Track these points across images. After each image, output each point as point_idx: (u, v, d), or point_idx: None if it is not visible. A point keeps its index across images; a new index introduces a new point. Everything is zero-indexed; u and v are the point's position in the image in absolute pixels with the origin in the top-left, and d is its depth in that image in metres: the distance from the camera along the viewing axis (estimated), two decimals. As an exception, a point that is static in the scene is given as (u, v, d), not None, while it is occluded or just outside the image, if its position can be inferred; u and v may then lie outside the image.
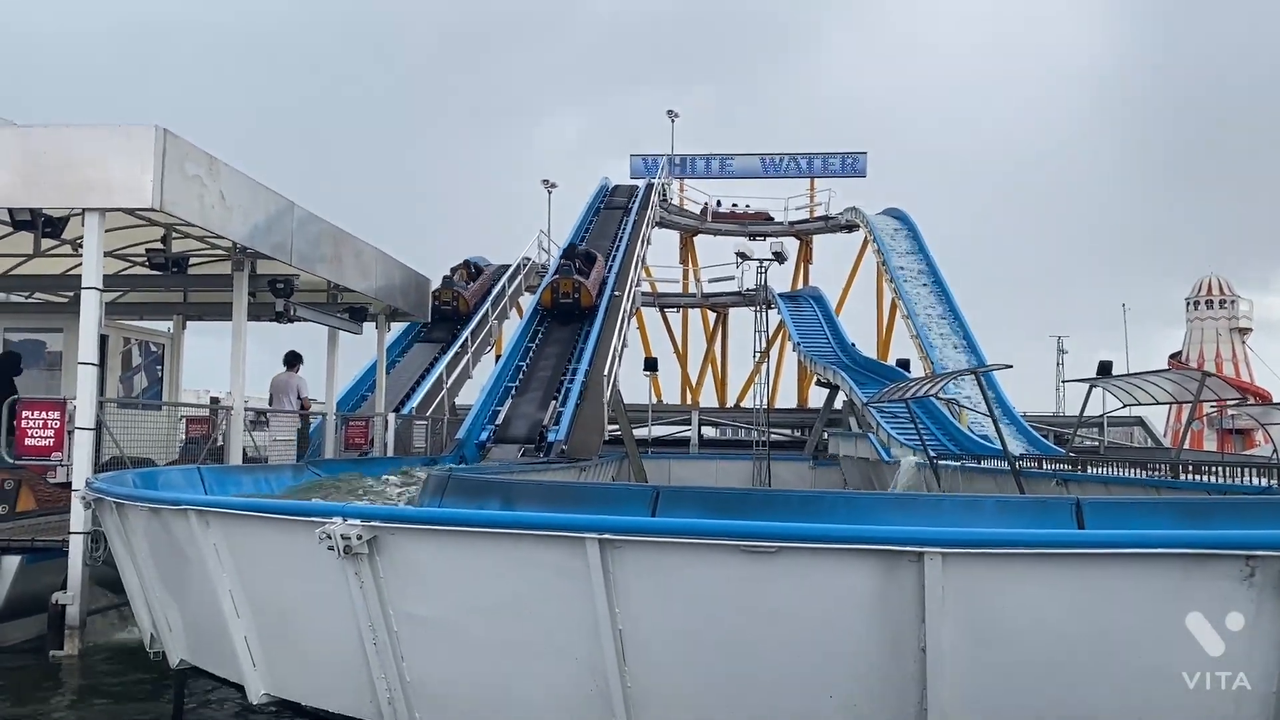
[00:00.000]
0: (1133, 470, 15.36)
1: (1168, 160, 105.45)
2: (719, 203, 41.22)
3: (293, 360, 15.93)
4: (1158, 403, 19.62)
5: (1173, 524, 4.96)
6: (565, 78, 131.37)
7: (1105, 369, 27.32)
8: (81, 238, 9.76)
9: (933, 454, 18.88)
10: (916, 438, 20.23)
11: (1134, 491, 12.93)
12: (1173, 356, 51.81)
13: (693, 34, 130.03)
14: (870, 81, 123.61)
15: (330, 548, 4.35)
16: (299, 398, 15.60)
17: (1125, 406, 21.64)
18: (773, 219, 40.89)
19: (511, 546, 4.16)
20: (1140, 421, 33.73)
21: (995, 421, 17.42)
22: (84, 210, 9.46)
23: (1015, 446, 22.49)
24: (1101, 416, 27.70)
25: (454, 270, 28.73)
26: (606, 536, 3.92)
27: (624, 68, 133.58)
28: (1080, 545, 3.83)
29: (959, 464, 18.74)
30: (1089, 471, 15.62)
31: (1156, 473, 14.57)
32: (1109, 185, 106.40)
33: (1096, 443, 30.14)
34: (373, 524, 4.36)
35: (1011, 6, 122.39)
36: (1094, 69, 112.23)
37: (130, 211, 10.03)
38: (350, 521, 4.35)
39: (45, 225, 10.22)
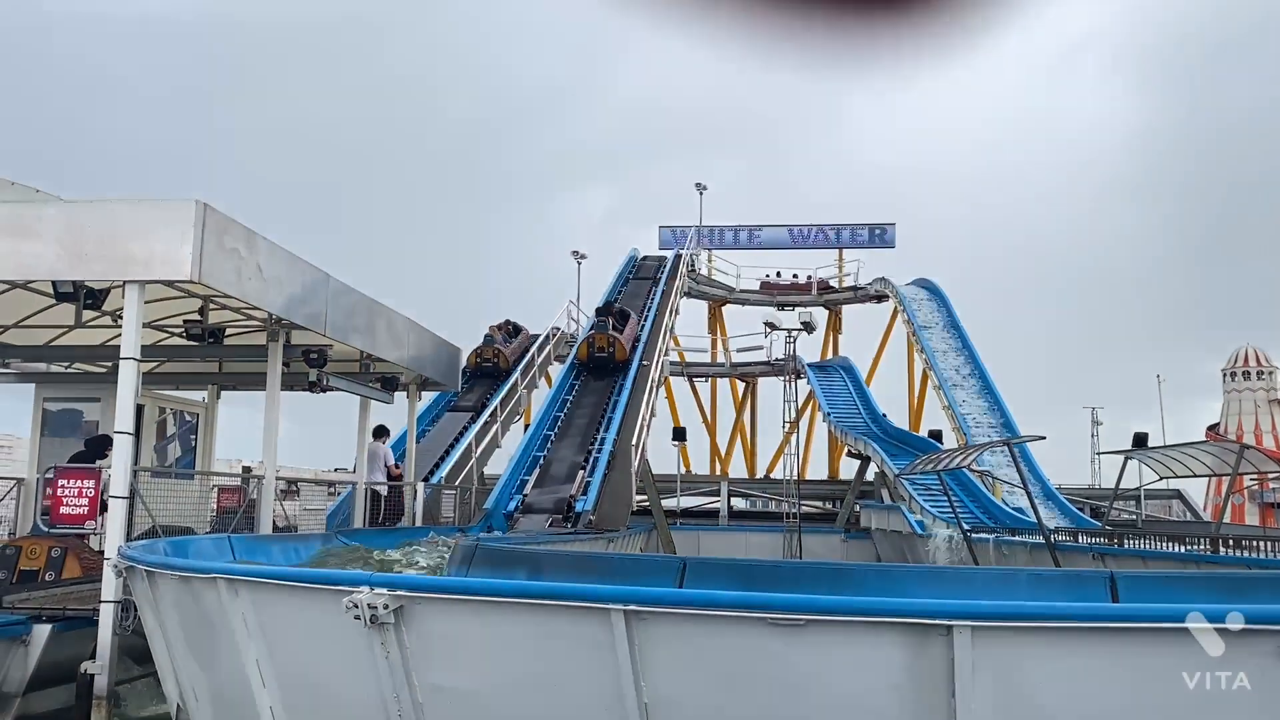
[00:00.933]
0: (1171, 544, 15.07)
1: (1200, 230, 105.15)
2: (778, 274, 41.72)
3: (380, 432, 17.48)
4: (1195, 475, 19.28)
5: (1210, 599, 4.87)
6: (591, 153, 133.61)
7: (1141, 441, 26.97)
8: (121, 309, 9.97)
9: (966, 527, 18.64)
10: (950, 510, 19.99)
11: (1172, 566, 12.68)
12: (1210, 428, 50.94)
13: (718, 109, 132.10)
14: (895, 154, 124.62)
15: (357, 617, 4.36)
16: (387, 465, 17.07)
17: (1162, 479, 21.29)
18: (832, 288, 41.12)
19: (537, 617, 4.15)
20: (1179, 495, 33.09)
21: (1029, 494, 17.22)
22: (125, 282, 9.67)
23: (1050, 520, 22.16)
24: (1138, 489, 27.23)
25: (494, 328, 29.61)
26: (633, 608, 3.91)
27: (649, 143, 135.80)
28: (1115, 619, 3.77)
29: (994, 537, 18.48)
30: (1126, 545, 15.35)
31: (1195, 547, 14.30)
32: (1140, 256, 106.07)
33: (1134, 516, 29.62)
34: (400, 593, 4.37)
35: (1038, 78, 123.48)
36: (1125, 138, 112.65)
37: (170, 283, 10.24)
38: (377, 591, 4.36)
39: (87, 297, 10.46)
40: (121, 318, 9.94)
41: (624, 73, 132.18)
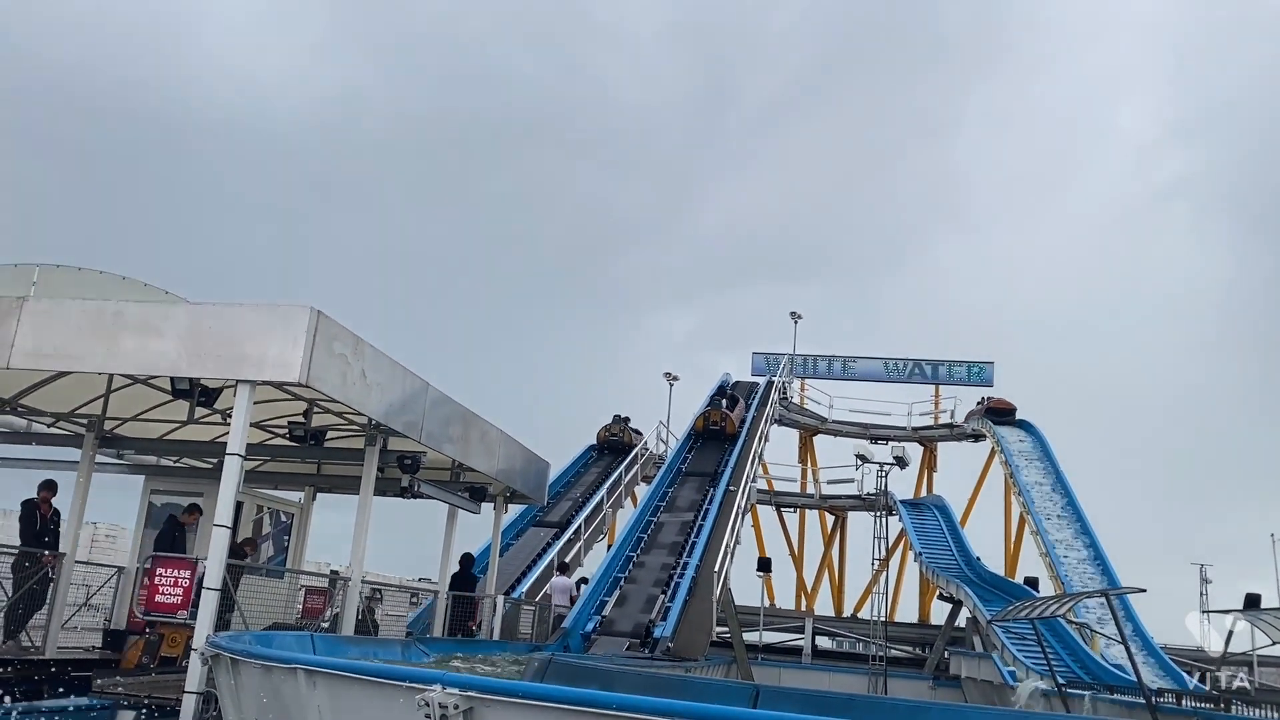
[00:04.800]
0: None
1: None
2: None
3: (564, 567, 21.31)
4: (1312, 642, 18.11)
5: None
6: (677, 277, 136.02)
7: (1253, 602, 25.47)
8: (231, 408, 10.45)
9: (1061, 680, 17.73)
10: (1044, 662, 19.08)
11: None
12: (1333, 594, 47.89)
13: (801, 239, 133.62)
14: (984, 294, 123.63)
15: (428, 716, 4.43)
16: (572, 598, 19.77)
17: (1275, 643, 20.03)
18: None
19: (603, 728, 4.17)
20: (1297, 663, 30.99)
21: (1128, 649, 16.34)
22: (237, 382, 10.15)
23: (1152, 680, 20.95)
24: (1251, 653, 25.61)
25: (614, 419, 34.99)
26: (699, 724, 3.90)
27: (731, 269, 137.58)
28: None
29: (1089, 694, 17.53)
30: (1234, 712, 14.40)
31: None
32: (1253, 406, 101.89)
33: (1247, 683, 27.77)
34: (471, 694, 4.43)
35: (1131, 220, 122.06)
36: (1233, 280, 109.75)
37: (279, 385, 10.72)
38: (449, 690, 4.44)
39: (201, 394, 11.00)
40: (231, 416, 10.40)
41: (709, 199, 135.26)
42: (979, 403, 39.90)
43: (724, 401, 32.56)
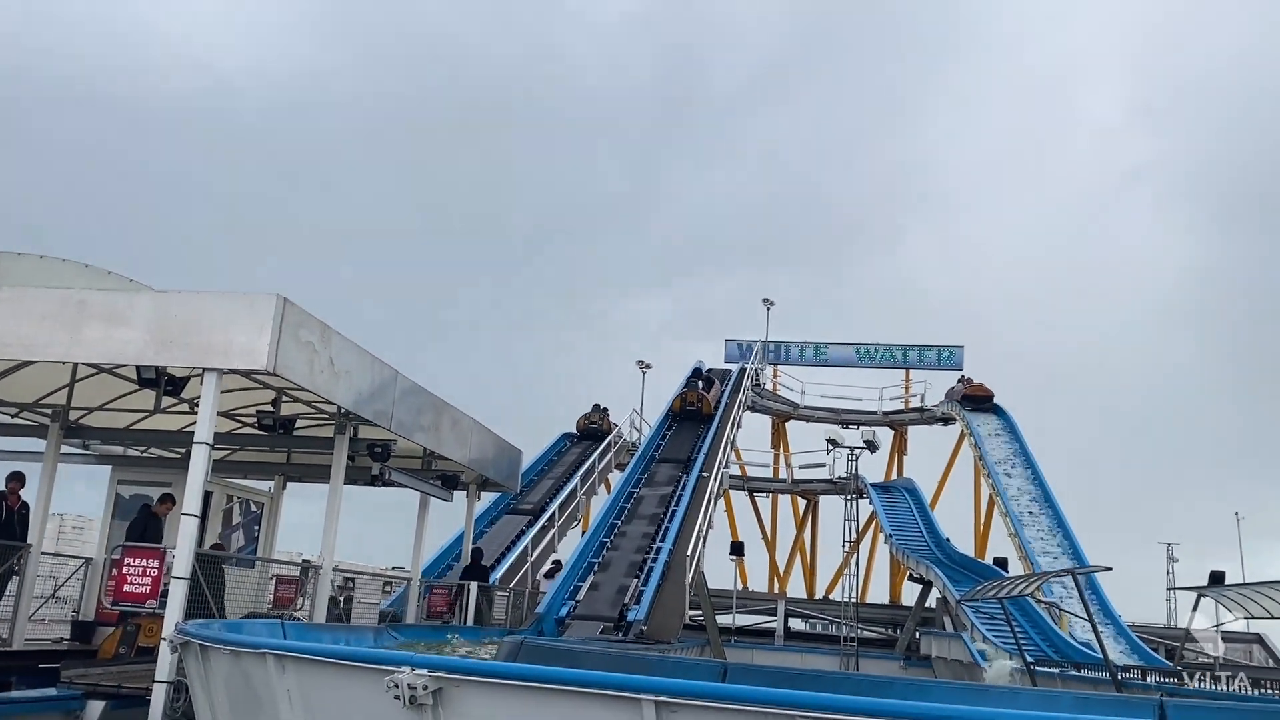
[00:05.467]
0: (1250, 688, 14.38)
1: (1266, 366, 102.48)
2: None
3: (558, 566, 20.43)
4: (1272, 616, 18.48)
5: (1263, 731, 4.72)
6: (648, 264, 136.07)
7: (1217, 579, 25.91)
8: (198, 397, 10.36)
9: (1030, 659, 18.02)
10: (1013, 641, 19.37)
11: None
12: (1295, 571, 48.79)
13: (772, 226, 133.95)
14: (955, 280, 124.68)
15: (397, 697, 4.45)
16: None
17: (1239, 620, 20.41)
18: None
19: (570, 704, 4.20)
20: (1259, 639, 31.59)
21: (1095, 627, 16.63)
22: (204, 370, 10.06)
23: (1119, 656, 21.30)
24: (1215, 630, 26.07)
25: (593, 408, 36.08)
26: (663, 699, 3.95)
27: (702, 257, 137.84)
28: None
29: (1058, 671, 17.82)
30: (1197, 686, 14.68)
31: (1273, 691, 13.64)
32: (1208, 389, 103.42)
33: (1211, 659, 28.26)
34: (439, 675, 4.46)
35: (1097, 204, 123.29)
36: (1198, 263, 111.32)
37: (246, 374, 10.64)
38: (418, 671, 4.46)
39: (167, 384, 10.91)
40: (198, 405, 10.32)
41: (680, 185, 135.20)
42: (959, 381, 40.00)
43: (700, 383, 33.72)
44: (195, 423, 10.38)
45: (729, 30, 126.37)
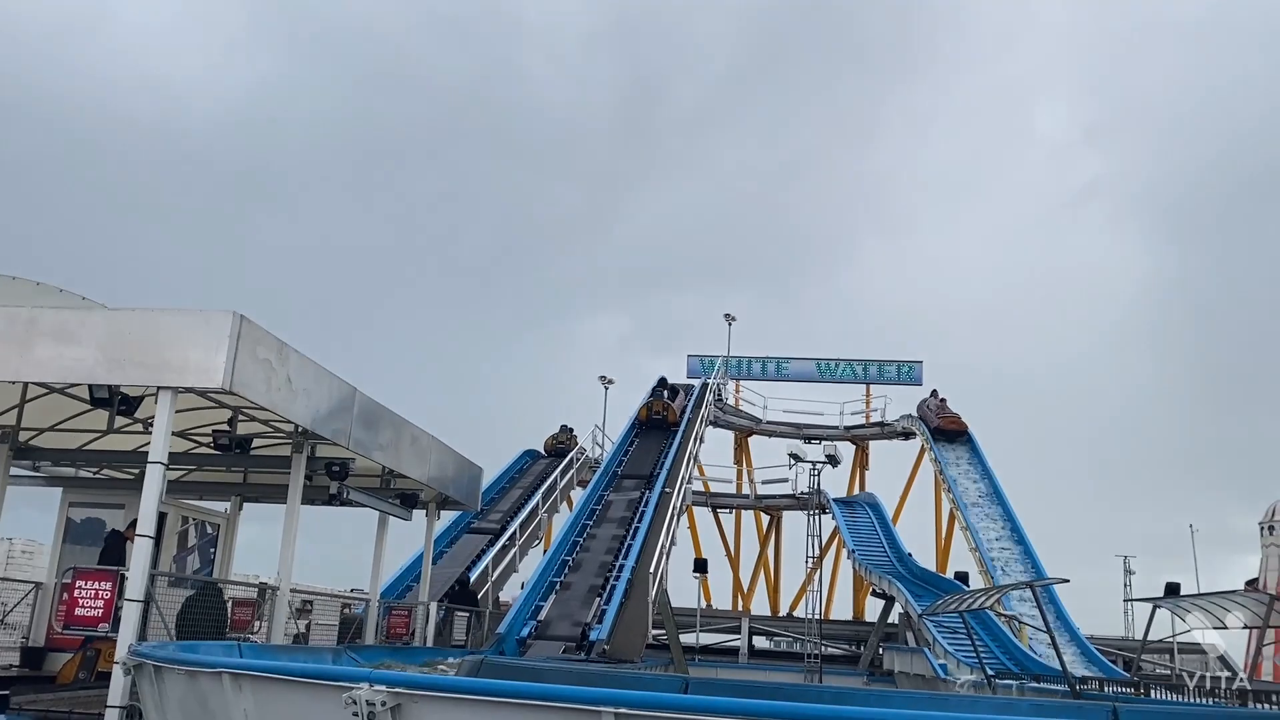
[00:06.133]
0: (1204, 699, 14.59)
1: (1232, 377, 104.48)
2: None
3: None
4: (1226, 627, 18.76)
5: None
6: (608, 281, 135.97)
7: (1172, 590, 26.33)
8: (153, 417, 10.19)
9: (990, 672, 18.15)
10: (974, 655, 19.52)
11: None
12: (1249, 583, 49.54)
13: (731, 241, 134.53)
14: (909, 295, 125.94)
15: (355, 714, 4.40)
16: None
17: (1194, 630, 20.69)
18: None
19: (530, 718, 4.18)
20: (1214, 649, 32.01)
21: (1054, 639, 16.82)
22: (159, 388, 9.91)
23: (1077, 668, 21.51)
24: (1171, 641, 26.42)
25: (560, 429, 36.20)
26: (623, 711, 3.93)
27: (664, 273, 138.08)
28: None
29: (1018, 683, 17.96)
30: (1154, 696, 14.88)
31: (1225, 701, 13.85)
32: (1162, 402, 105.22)
33: (1168, 670, 28.62)
34: (398, 690, 4.41)
35: (1049, 221, 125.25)
36: (1150, 279, 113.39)
37: (202, 392, 10.50)
38: (376, 687, 4.41)
39: (121, 403, 10.72)
40: (153, 425, 10.15)
41: (639, 202, 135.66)
42: (932, 395, 39.04)
43: (665, 392, 34.90)
44: (150, 443, 10.22)
45: (687, 50, 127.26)
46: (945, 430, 36.68)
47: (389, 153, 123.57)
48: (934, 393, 39.62)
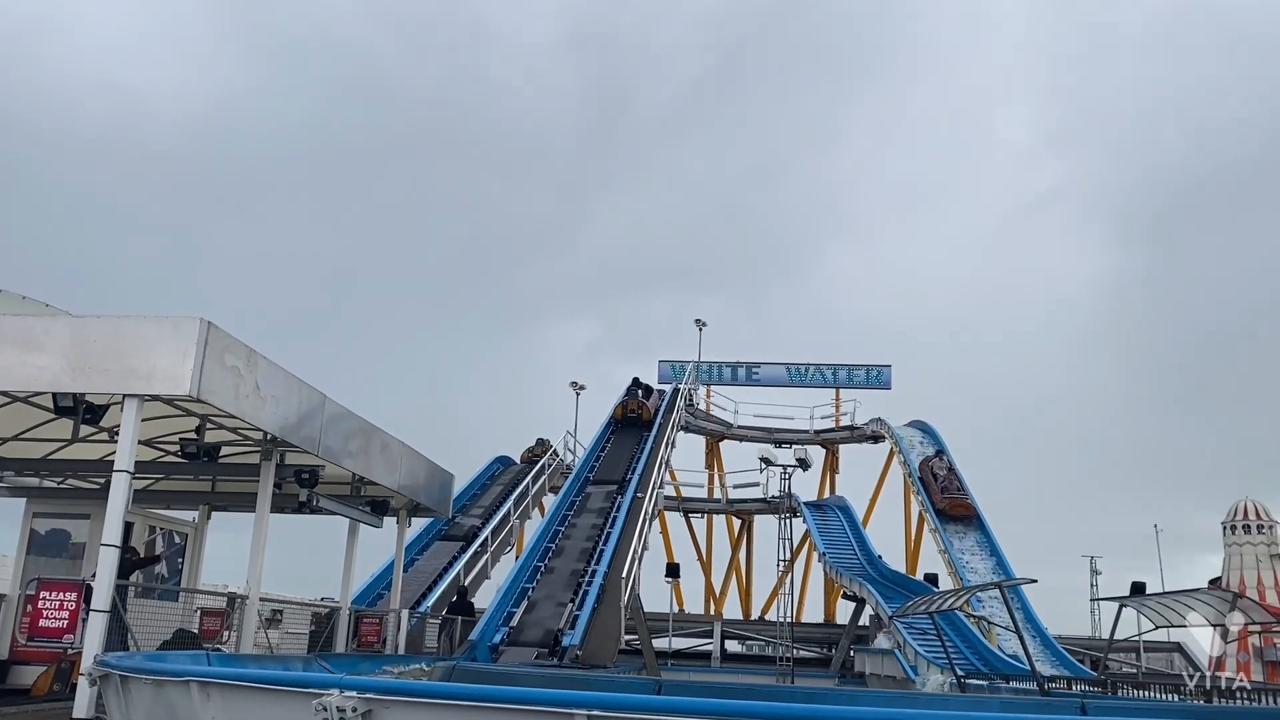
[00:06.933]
0: (1169, 696, 14.78)
1: (1194, 378, 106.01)
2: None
3: None
4: (1190, 625, 19.00)
5: (1180, 728, 4.87)
6: (577, 287, 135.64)
7: (1138, 589, 26.63)
8: (119, 426, 10.07)
9: (960, 673, 18.25)
10: (944, 655, 19.63)
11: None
12: (1212, 582, 50.28)
13: (699, 247, 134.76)
14: (875, 300, 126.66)
15: (325, 720, 4.37)
16: None
17: (1159, 629, 20.95)
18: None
19: (503, 722, 4.17)
20: (1179, 648, 32.51)
21: (1022, 639, 16.95)
22: (124, 396, 9.80)
23: (1046, 667, 21.71)
24: (1137, 640, 26.74)
25: (537, 441, 36.35)
26: (596, 713, 3.94)
27: (633, 279, 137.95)
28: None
29: (987, 683, 18.09)
30: (1121, 695, 15.05)
31: (1190, 698, 14.03)
32: (1124, 404, 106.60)
33: (1134, 669, 28.96)
34: (369, 696, 4.39)
35: (1012, 226, 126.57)
36: (1111, 282, 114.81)
37: (169, 400, 10.40)
38: (347, 694, 4.39)
39: (86, 412, 10.59)
40: (119, 434, 10.03)
41: (607, 208, 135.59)
42: (940, 478, 33.57)
43: (640, 391, 35.92)
44: (116, 452, 10.10)
45: (653, 55, 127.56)
46: (953, 515, 31.90)
47: (356, 160, 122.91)
48: (939, 454, 35.25)
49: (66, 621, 9.78)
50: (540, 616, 20.00)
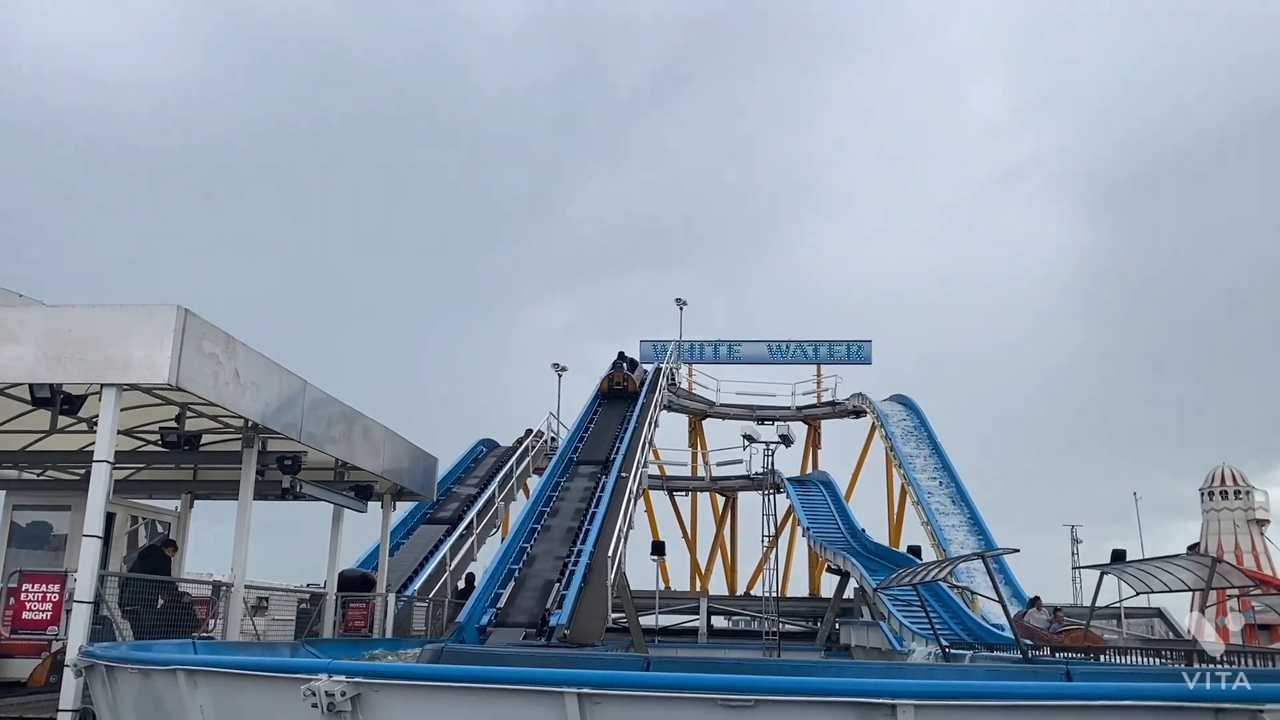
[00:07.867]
0: (1150, 660, 15.00)
1: (1167, 347, 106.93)
2: None
3: None
4: (1170, 590, 19.25)
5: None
6: (553, 267, 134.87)
7: (1119, 556, 26.93)
8: (98, 416, 9.97)
9: (945, 643, 18.45)
10: (929, 626, 19.82)
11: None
12: (1191, 547, 50.91)
13: (674, 225, 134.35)
14: (854, 271, 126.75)
15: (314, 705, 4.37)
16: None
17: (1138, 594, 21.21)
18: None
19: (492, 702, 4.18)
20: (1159, 613, 32.93)
21: (1005, 608, 17.14)
22: (102, 386, 9.70)
23: (1029, 635, 21.91)
24: (1118, 606, 27.05)
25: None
26: (586, 691, 3.95)
27: (608, 258, 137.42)
28: (1063, 697, 3.83)
29: (971, 653, 18.28)
30: (1103, 660, 15.26)
31: (1171, 662, 14.24)
32: (1102, 374, 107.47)
33: (1116, 635, 29.28)
34: (358, 680, 4.39)
35: (985, 199, 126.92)
36: (1084, 254, 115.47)
37: (148, 390, 10.30)
38: (335, 678, 4.38)
39: (64, 402, 10.49)
40: (98, 424, 9.94)
41: (581, 188, 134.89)
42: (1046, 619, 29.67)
43: (625, 364, 36.65)
44: (95, 442, 10.01)
45: (625, 34, 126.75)
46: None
47: (326, 144, 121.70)
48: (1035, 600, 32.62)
49: (50, 613, 9.72)
50: (527, 597, 20.05)
